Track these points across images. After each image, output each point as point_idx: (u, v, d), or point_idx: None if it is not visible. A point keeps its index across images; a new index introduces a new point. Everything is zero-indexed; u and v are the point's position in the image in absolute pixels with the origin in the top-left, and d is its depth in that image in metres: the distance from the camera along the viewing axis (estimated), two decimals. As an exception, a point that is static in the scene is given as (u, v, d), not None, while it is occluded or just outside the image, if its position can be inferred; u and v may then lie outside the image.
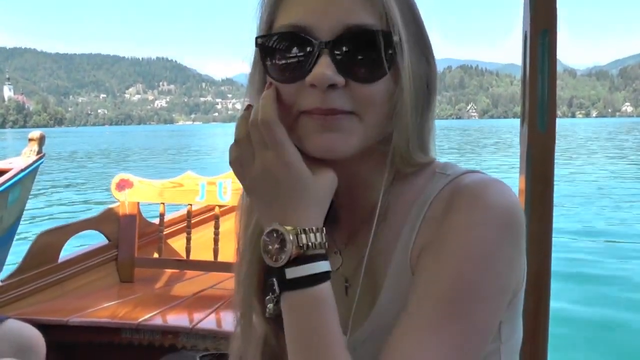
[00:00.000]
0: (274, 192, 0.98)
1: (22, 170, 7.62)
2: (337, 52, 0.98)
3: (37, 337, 2.70)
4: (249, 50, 1.10)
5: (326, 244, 0.98)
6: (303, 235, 0.95)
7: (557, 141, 1.84)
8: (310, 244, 0.96)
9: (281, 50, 1.02)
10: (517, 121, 2.04)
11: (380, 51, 0.98)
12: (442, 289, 0.93)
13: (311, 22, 0.98)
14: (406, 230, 1.04)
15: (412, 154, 1.05)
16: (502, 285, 0.96)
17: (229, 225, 1.19)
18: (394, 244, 1.05)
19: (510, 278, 0.98)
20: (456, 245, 0.94)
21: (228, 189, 4.01)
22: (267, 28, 1.05)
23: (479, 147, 47.52)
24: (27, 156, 8.04)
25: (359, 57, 0.98)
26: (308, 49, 0.98)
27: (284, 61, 1.01)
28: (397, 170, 1.08)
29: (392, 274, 1.04)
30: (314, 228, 0.97)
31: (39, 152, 8.08)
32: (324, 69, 0.96)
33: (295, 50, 1.00)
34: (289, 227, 0.96)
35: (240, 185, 1.07)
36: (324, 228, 0.98)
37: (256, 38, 1.05)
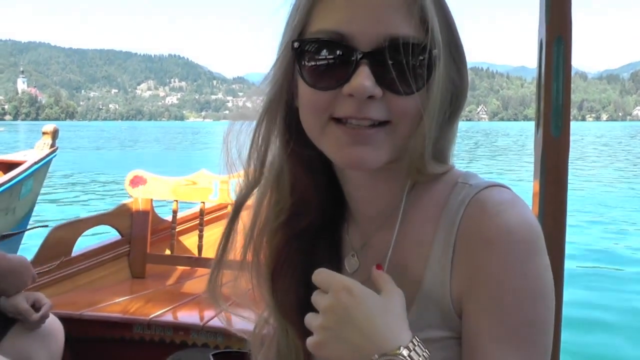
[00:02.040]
0: (351, 326, 0.93)
1: (35, 163, 7.70)
2: (377, 63, 0.96)
3: (56, 324, 2.74)
4: (264, 50, 1.10)
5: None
6: (413, 353, 0.90)
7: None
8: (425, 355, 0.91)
9: (319, 56, 1.00)
10: (526, 124, 2.06)
11: (419, 64, 0.97)
12: (509, 330, 0.94)
13: (352, 30, 0.97)
14: (437, 246, 1.03)
15: (426, 165, 1.04)
16: (552, 305, 0.98)
17: (242, 225, 1.20)
18: (422, 255, 1.05)
19: (553, 291, 0.99)
20: (511, 285, 0.95)
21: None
22: (299, 31, 1.03)
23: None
24: (40, 149, 8.11)
25: (398, 70, 0.96)
26: (347, 58, 0.97)
27: (321, 68, 1.00)
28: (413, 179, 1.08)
29: (424, 292, 1.03)
30: (414, 341, 0.92)
31: (52, 145, 8.16)
32: (364, 80, 0.95)
33: (333, 58, 0.99)
34: (395, 351, 0.90)
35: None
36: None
37: (292, 42, 1.02)
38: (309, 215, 1.16)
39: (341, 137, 1.00)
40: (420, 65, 0.97)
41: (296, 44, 1.02)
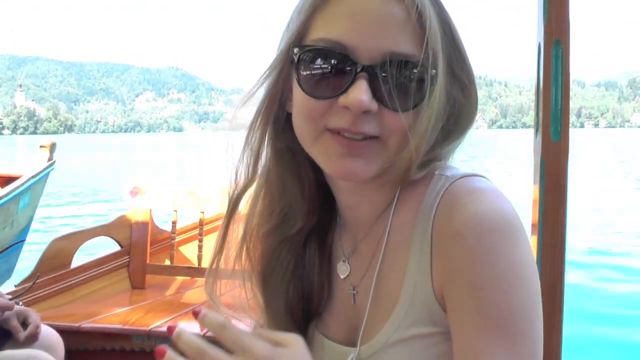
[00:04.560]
0: None
1: (32, 177, 7.68)
2: (375, 78, 0.96)
3: (55, 337, 2.73)
4: (260, 59, 1.11)
5: None
6: None
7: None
8: None
9: (318, 65, 0.99)
10: (525, 132, 2.05)
11: (417, 83, 0.97)
12: (489, 322, 0.92)
13: (354, 42, 0.96)
14: (416, 242, 1.03)
15: (411, 176, 1.04)
16: (536, 289, 0.96)
17: (235, 231, 1.20)
18: (404, 253, 1.04)
19: (537, 277, 0.97)
20: (484, 276, 0.93)
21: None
22: (299, 36, 1.02)
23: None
24: (37, 163, 8.11)
25: (396, 87, 0.96)
26: (346, 69, 0.97)
27: (319, 76, 0.99)
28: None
29: (407, 289, 1.03)
30: None
31: (49, 159, 8.16)
32: (361, 94, 0.95)
33: (332, 68, 0.98)
34: None
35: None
36: None
37: (292, 47, 1.02)
38: (298, 221, 1.16)
39: (334, 148, 1.00)
40: (419, 83, 0.97)
41: (296, 50, 1.01)
